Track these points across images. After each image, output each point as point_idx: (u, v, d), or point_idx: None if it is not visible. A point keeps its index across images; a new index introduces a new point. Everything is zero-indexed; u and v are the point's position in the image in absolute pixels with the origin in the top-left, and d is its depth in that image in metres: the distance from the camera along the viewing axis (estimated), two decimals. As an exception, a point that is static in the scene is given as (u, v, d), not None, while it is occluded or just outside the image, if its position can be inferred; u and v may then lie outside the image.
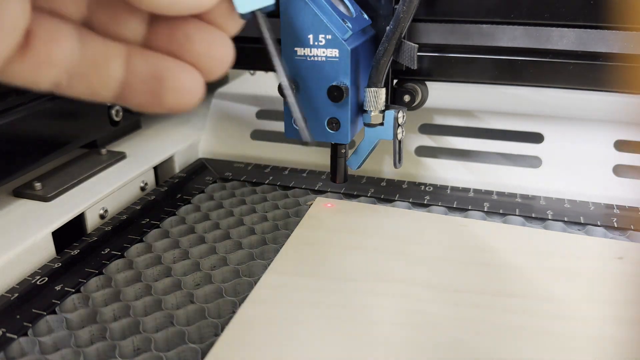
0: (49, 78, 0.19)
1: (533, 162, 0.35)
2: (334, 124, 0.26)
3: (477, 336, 0.21)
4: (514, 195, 0.33)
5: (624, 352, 0.20)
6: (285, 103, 0.27)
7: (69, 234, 0.29)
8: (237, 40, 0.33)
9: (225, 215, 0.32)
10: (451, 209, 0.32)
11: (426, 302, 0.23)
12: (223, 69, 0.20)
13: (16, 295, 0.25)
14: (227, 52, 0.20)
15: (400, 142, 0.29)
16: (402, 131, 0.28)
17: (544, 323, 0.22)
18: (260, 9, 0.20)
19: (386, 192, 0.34)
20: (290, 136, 0.28)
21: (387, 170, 0.37)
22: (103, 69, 0.20)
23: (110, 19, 0.20)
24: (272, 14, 0.26)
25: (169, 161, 0.37)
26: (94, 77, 0.20)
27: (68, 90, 0.20)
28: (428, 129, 0.36)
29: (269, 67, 0.24)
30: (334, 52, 0.25)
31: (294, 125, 0.27)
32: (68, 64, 0.19)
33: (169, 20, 0.20)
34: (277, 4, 0.24)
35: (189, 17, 0.20)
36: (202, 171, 0.37)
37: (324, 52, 0.25)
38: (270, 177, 0.36)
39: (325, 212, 0.30)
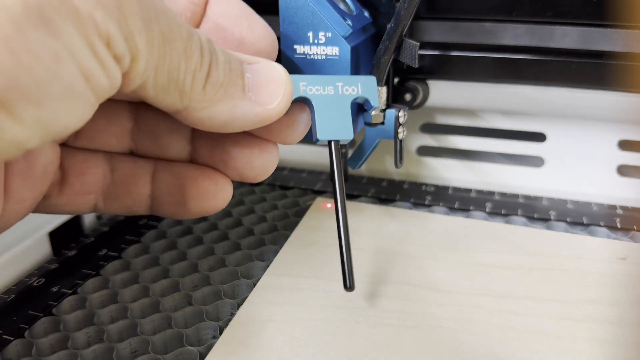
0: (87, 205, 0.21)
1: (536, 162, 0.34)
2: (334, 123, 0.26)
3: (478, 337, 0.21)
4: (516, 195, 0.33)
5: (627, 353, 0.20)
6: None
7: (65, 235, 0.29)
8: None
9: (223, 216, 0.31)
10: (453, 210, 0.32)
11: (427, 303, 0.23)
12: (265, 175, 0.21)
13: (12, 296, 0.24)
14: (269, 161, 0.21)
15: (401, 141, 0.28)
16: (403, 130, 0.28)
17: (546, 324, 0.22)
18: (337, 140, 0.20)
19: (387, 192, 0.34)
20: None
21: (387, 170, 0.36)
22: (133, 188, 0.21)
23: (154, 145, 0.21)
24: (273, 11, 0.25)
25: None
26: (126, 197, 0.21)
27: (105, 210, 0.21)
28: (429, 128, 0.36)
29: None
30: (334, 50, 0.25)
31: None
32: (101, 189, 0.21)
33: (209, 137, 0.21)
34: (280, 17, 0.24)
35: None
36: (201, 171, 0.37)
37: (324, 50, 0.25)
38: (270, 177, 0.36)
39: (325, 212, 0.30)
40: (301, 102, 0.21)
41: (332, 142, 0.20)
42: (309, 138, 0.27)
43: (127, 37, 0.14)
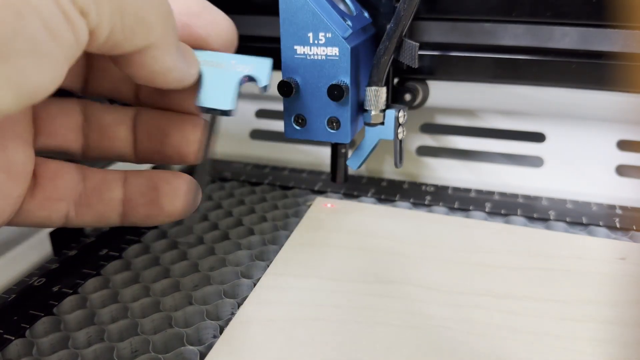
0: (59, 212, 0.21)
1: (535, 162, 0.35)
2: (334, 123, 0.26)
3: (478, 337, 0.21)
4: (515, 195, 0.33)
5: (627, 353, 0.20)
6: (285, 102, 0.27)
7: (66, 235, 0.29)
8: (241, 38, 0.33)
9: (224, 216, 0.31)
10: (452, 209, 0.32)
11: (427, 303, 0.23)
12: (200, 153, 0.22)
13: (13, 296, 0.24)
14: (200, 136, 0.22)
15: (401, 141, 0.28)
16: (403, 130, 0.28)
17: (546, 324, 0.22)
18: (214, 109, 0.21)
19: (387, 192, 0.34)
20: (290, 136, 0.27)
21: (387, 170, 0.37)
22: (105, 193, 0.22)
23: (102, 137, 0.22)
24: (273, 11, 0.25)
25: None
26: (98, 203, 0.22)
27: (77, 220, 0.22)
28: (429, 128, 0.36)
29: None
30: (334, 51, 0.25)
31: (294, 126, 0.27)
32: (74, 195, 0.21)
33: (148, 122, 0.23)
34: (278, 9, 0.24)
35: (164, 116, 0.23)
36: (201, 171, 0.37)
37: (324, 51, 0.25)
38: (270, 177, 0.36)
39: (325, 212, 0.30)
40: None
41: (211, 114, 0.22)
42: (309, 138, 0.27)
43: None
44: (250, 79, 0.22)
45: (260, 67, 0.22)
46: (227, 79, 0.22)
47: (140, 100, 0.23)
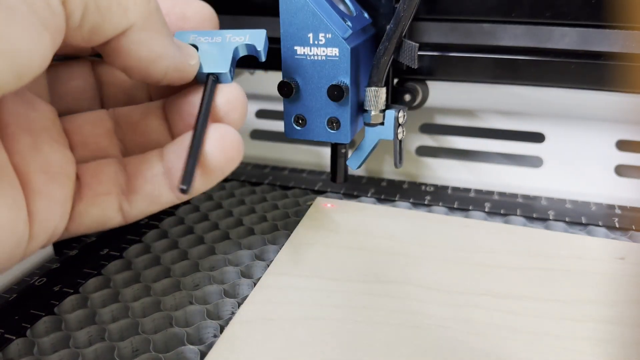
0: (111, 206, 0.21)
1: (534, 162, 0.35)
2: (334, 123, 0.26)
3: (478, 337, 0.21)
4: (515, 195, 0.33)
5: (627, 353, 0.20)
6: (285, 103, 0.27)
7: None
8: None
9: (224, 216, 0.31)
10: (452, 209, 0.32)
11: (427, 303, 0.23)
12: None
13: (14, 295, 0.24)
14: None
15: (400, 141, 0.28)
16: (403, 131, 0.28)
17: (545, 324, 0.22)
18: (212, 73, 0.22)
19: (387, 192, 0.34)
20: (290, 136, 0.27)
21: (387, 170, 0.37)
22: (147, 172, 0.22)
23: (136, 133, 0.23)
24: (273, 12, 0.25)
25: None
26: (145, 184, 0.22)
27: (133, 210, 0.22)
28: (429, 128, 0.36)
29: (268, 66, 0.24)
30: (334, 51, 0.25)
31: (294, 126, 0.27)
32: (119, 185, 0.21)
33: (178, 107, 0.23)
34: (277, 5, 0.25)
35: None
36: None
37: (324, 51, 0.25)
38: (270, 177, 0.36)
39: (325, 212, 0.30)
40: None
41: (209, 76, 0.22)
42: (309, 138, 0.27)
43: None
44: (248, 49, 0.23)
45: (255, 36, 0.23)
46: (223, 48, 0.22)
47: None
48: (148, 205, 0.22)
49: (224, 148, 0.21)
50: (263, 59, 0.23)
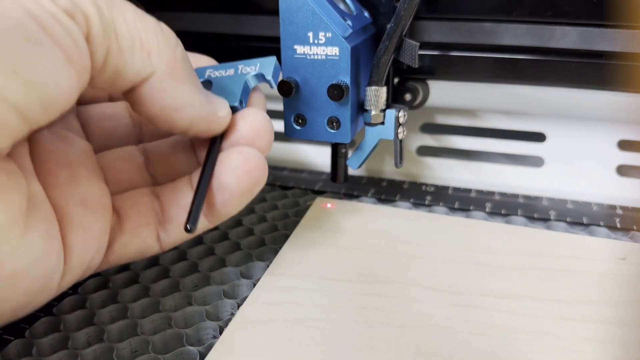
0: (151, 236, 0.22)
1: (535, 161, 0.35)
2: (334, 123, 0.26)
3: (478, 337, 0.21)
4: (516, 195, 0.33)
5: (627, 353, 0.20)
6: (285, 102, 0.27)
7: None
8: (241, 38, 0.33)
9: (224, 216, 0.31)
10: (453, 210, 0.32)
11: (427, 303, 0.23)
12: None
13: (13, 296, 0.24)
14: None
15: (401, 141, 0.28)
16: (403, 130, 0.28)
17: (546, 324, 0.22)
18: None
19: (387, 192, 0.34)
20: (290, 136, 0.27)
21: (387, 170, 0.36)
22: (181, 201, 0.22)
23: (166, 167, 0.24)
24: (273, 11, 0.25)
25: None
26: (179, 212, 0.22)
27: (170, 238, 0.23)
28: (429, 128, 0.36)
29: None
30: (334, 51, 0.25)
31: (294, 125, 0.27)
32: (156, 215, 0.22)
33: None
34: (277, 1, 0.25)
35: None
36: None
37: (324, 51, 0.25)
38: (270, 177, 0.36)
39: (325, 212, 0.30)
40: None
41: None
42: (309, 138, 0.27)
43: None
44: (259, 79, 0.24)
45: (264, 64, 0.24)
46: (235, 81, 0.23)
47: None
48: (183, 233, 0.22)
49: (249, 169, 0.21)
50: (274, 86, 0.24)
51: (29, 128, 0.16)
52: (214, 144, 0.22)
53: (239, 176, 0.21)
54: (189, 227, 0.20)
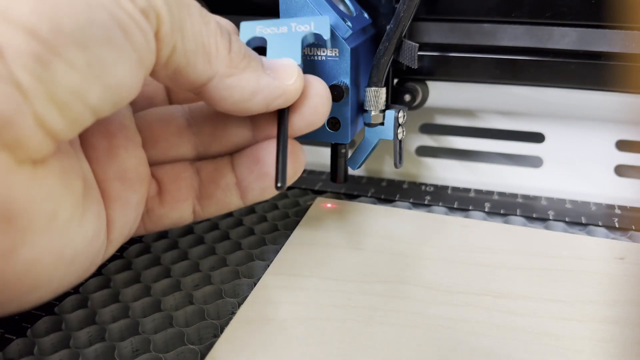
0: (188, 210, 0.23)
1: (534, 162, 0.35)
2: (334, 123, 0.26)
3: (478, 337, 0.21)
4: (515, 195, 0.33)
5: (627, 353, 0.20)
6: None
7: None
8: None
9: (224, 216, 0.31)
10: (452, 209, 0.32)
11: (427, 303, 0.23)
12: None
13: (14, 296, 0.24)
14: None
15: (400, 141, 0.28)
16: (403, 131, 0.28)
17: (545, 324, 0.22)
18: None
19: (386, 192, 0.34)
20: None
21: (387, 170, 0.37)
22: (221, 181, 0.23)
23: (215, 134, 0.24)
24: (273, 12, 0.26)
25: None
26: (218, 191, 0.23)
27: (204, 213, 0.23)
28: (429, 128, 0.36)
29: None
30: (334, 51, 0.25)
31: None
32: (195, 192, 0.23)
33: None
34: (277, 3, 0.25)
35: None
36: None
37: (323, 51, 0.25)
38: (270, 177, 0.36)
39: (325, 212, 0.30)
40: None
41: None
42: (309, 138, 0.27)
43: None
44: (315, 37, 0.23)
45: (319, 23, 0.23)
46: (290, 39, 0.23)
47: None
48: (218, 210, 0.24)
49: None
50: (329, 46, 0.24)
51: (96, 119, 0.16)
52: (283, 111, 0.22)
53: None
54: (279, 186, 0.21)
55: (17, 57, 0.14)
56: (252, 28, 0.23)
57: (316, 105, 0.22)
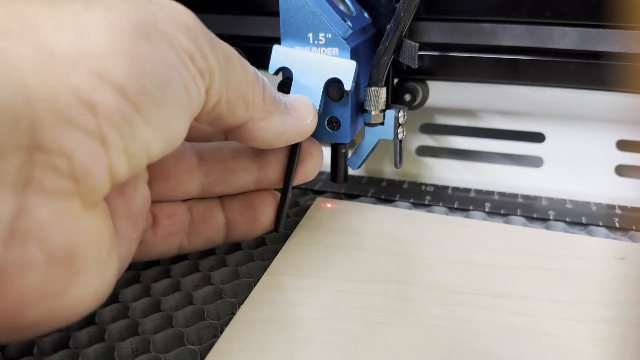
0: (176, 244, 0.25)
1: (535, 162, 0.35)
2: (334, 123, 0.26)
3: (478, 337, 0.21)
4: (515, 195, 0.33)
5: (627, 353, 0.20)
6: None
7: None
8: (241, 39, 0.33)
9: (224, 216, 0.31)
10: (452, 209, 0.32)
11: (427, 303, 0.23)
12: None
13: (14, 296, 0.24)
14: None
15: (401, 141, 0.28)
16: (403, 131, 0.28)
17: (545, 324, 0.22)
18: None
19: (387, 192, 0.34)
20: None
21: (387, 170, 0.37)
22: (211, 220, 0.25)
23: (222, 175, 0.25)
24: (273, 12, 0.26)
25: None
26: (207, 229, 0.25)
27: (189, 247, 0.25)
28: (429, 128, 0.36)
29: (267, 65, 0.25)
30: (334, 51, 0.25)
31: None
32: (186, 227, 0.25)
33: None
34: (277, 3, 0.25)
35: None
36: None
37: (324, 51, 0.25)
38: (270, 177, 0.36)
39: (325, 212, 0.30)
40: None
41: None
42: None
43: (203, 55, 0.18)
44: (336, 80, 0.24)
45: (343, 70, 0.24)
46: (315, 79, 0.24)
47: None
48: (202, 246, 0.26)
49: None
50: (348, 94, 0.25)
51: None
52: (295, 148, 0.25)
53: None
54: (278, 231, 0.26)
55: (107, 114, 0.15)
56: (284, 56, 0.25)
57: (319, 164, 0.27)
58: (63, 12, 0.15)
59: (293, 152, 0.25)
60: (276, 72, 0.25)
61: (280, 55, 0.25)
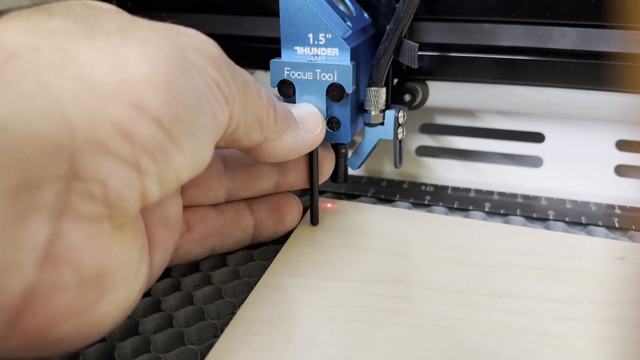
0: (210, 246, 0.26)
1: (534, 162, 0.35)
2: (334, 123, 0.26)
3: (478, 337, 0.21)
4: (515, 195, 0.33)
5: (627, 353, 0.20)
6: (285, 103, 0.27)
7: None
8: (239, 39, 0.33)
9: (224, 216, 0.31)
10: (452, 209, 0.32)
11: (427, 303, 0.23)
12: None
13: (14, 296, 0.24)
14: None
15: (400, 141, 0.28)
16: (403, 131, 0.28)
17: (545, 324, 0.22)
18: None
19: (387, 192, 0.34)
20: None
21: (387, 170, 0.37)
22: (241, 222, 0.27)
23: (248, 179, 0.27)
24: (273, 12, 0.26)
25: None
26: (237, 231, 0.27)
27: (221, 249, 0.27)
28: (429, 128, 0.36)
29: (268, 66, 0.25)
30: (334, 51, 0.25)
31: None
32: (218, 230, 0.26)
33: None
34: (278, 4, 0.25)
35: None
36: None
37: (324, 51, 0.25)
38: (270, 177, 0.36)
39: (325, 212, 0.30)
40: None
41: None
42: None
43: (227, 82, 0.19)
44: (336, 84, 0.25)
45: (342, 73, 0.25)
46: (316, 87, 0.25)
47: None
48: (232, 247, 0.27)
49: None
50: (348, 91, 0.25)
51: None
52: (313, 154, 0.27)
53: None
54: (314, 224, 0.28)
55: (144, 143, 0.15)
56: (281, 70, 0.25)
57: (332, 166, 0.28)
58: (101, 45, 0.15)
59: (312, 157, 0.27)
60: (278, 85, 0.26)
61: (278, 69, 0.25)
